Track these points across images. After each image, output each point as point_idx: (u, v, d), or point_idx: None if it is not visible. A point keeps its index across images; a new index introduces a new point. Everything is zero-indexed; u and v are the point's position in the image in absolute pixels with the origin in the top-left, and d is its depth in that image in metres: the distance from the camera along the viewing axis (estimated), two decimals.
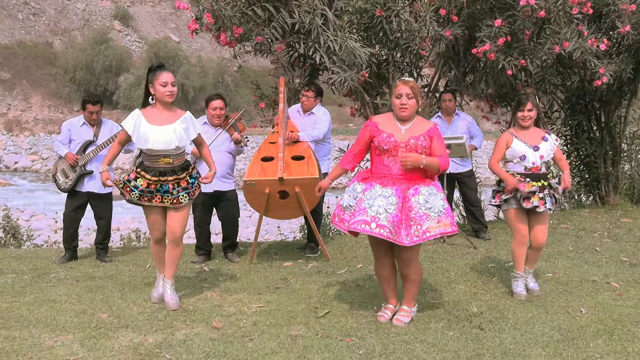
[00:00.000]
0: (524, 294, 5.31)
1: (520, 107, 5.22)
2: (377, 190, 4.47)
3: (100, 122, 6.89)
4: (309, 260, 6.76)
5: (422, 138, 4.52)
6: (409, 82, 4.58)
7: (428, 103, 8.57)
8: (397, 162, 4.51)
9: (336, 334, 4.43)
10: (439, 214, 4.45)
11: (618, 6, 7.70)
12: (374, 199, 4.44)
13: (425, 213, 4.42)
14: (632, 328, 4.56)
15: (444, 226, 4.47)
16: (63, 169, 6.76)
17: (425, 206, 4.43)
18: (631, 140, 10.25)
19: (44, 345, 4.24)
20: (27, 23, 43.91)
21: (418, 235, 4.42)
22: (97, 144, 6.74)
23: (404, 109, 4.53)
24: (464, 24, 7.67)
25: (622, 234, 7.73)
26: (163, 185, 4.87)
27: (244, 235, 12.19)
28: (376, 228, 4.39)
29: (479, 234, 7.71)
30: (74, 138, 6.81)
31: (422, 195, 4.45)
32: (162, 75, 4.85)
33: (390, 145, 4.51)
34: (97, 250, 7.00)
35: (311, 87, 7.11)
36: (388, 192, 4.45)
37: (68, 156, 6.71)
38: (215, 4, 7.24)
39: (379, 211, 4.40)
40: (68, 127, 6.89)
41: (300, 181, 6.23)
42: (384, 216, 4.39)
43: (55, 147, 6.94)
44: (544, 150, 5.22)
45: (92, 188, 6.75)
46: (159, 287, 5.16)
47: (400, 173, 4.51)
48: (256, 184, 6.28)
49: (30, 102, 39.27)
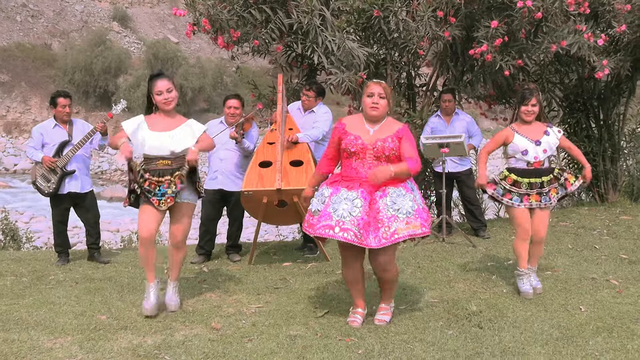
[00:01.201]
0: (530, 292, 5.29)
1: (524, 101, 5.22)
2: (342, 193, 4.42)
3: (71, 121, 6.80)
4: (308, 260, 6.76)
5: (389, 140, 4.45)
6: (382, 82, 4.55)
7: (426, 102, 8.57)
8: (365, 165, 4.45)
9: (335, 334, 4.43)
10: (407, 215, 4.38)
11: (613, 6, 7.70)
12: (339, 203, 4.39)
13: (393, 215, 4.36)
14: (632, 325, 4.56)
15: (413, 228, 4.38)
16: (42, 174, 6.64)
17: (393, 208, 4.37)
18: (630, 137, 10.25)
19: (43, 347, 4.25)
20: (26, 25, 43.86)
21: (386, 238, 4.34)
22: (74, 143, 6.64)
23: (375, 107, 4.48)
24: (461, 24, 7.66)
25: (621, 231, 7.73)
26: (160, 186, 4.86)
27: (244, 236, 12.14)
28: (340, 232, 4.32)
29: (478, 233, 7.70)
30: (47, 141, 6.69)
31: (389, 196, 4.39)
32: (157, 84, 4.86)
33: (357, 148, 4.46)
34: (90, 251, 6.95)
35: (312, 86, 7.07)
36: (353, 195, 4.39)
37: (45, 160, 6.58)
38: (212, 9, 7.23)
39: (343, 215, 4.34)
40: (40, 131, 6.76)
41: (299, 191, 6.14)
42: (348, 219, 4.32)
43: (29, 153, 6.81)
44: (546, 144, 5.22)
45: (74, 188, 6.69)
46: (150, 297, 4.91)
47: (368, 175, 4.44)
48: (253, 194, 6.24)
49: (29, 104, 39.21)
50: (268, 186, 6.20)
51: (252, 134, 6.86)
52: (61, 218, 6.86)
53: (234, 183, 6.68)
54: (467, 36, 7.82)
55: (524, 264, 5.35)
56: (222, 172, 6.72)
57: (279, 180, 6.18)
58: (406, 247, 7.07)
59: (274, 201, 6.26)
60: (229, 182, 6.69)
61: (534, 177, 5.23)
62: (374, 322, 4.63)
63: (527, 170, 5.25)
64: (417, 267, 6.27)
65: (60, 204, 6.79)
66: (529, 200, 5.23)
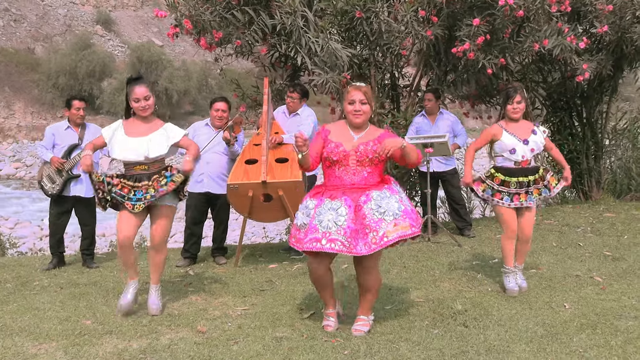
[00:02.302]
0: (516, 290, 5.33)
1: (509, 100, 5.24)
2: (326, 204, 4.32)
3: (84, 125, 6.86)
4: (294, 262, 6.75)
5: (371, 143, 4.39)
6: (362, 87, 4.44)
7: (410, 102, 8.60)
8: (349, 171, 4.39)
9: (321, 335, 4.43)
10: (394, 217, 4.28)
11: (595, 6, 7.76)
12: (324, 214, 4.29)
13: (380, 218, 4.25)
14: (615, 322, 4.59)
15: (402, 229, 4.27)
16: (49, 174, 6.70)
17: (379, 211, 4.27)
18: (613, 135, 10.33)
19: (28, 353, 4.22)
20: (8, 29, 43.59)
21: (376, 242, 4.24)
22: (82, 147, 6.65)
23: (358, 115, 4.40)
24: (444, 24, 7.69)
25: (605, 228, 7.79)
26: (136, 192, 4.85)
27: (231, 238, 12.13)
28: (327, 243, 4.23)
29: (463, 232, 7.74)
30: (58, 142, 6.76)
31: (374, 200, 4.29)
32: (135, 90, 4.88)
33: (340, 156, 4.38)
34: (83, 256, 6.95)
35: (296, 88, 7.09)
36: (337, 205, 4.30)
37: (53, 160, 6.64)
38: (194, 10, 7.22)
39: (329, 225, 4.25)
40: (52, 131, 6.84)
41: (284, 184, 6.22)
42: (334, 230, 4.24)
43: (39, 152, 6.88)
44: (534, 143, 5.25)
45: (79, 192, 6.71)
46: (127, 294, 4.95)
47: (353, 182, 4.38)
48: (239, 188, 6.27)
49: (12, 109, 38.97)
50: (254, 179, 6.23)
51: (239, 137, 6.86)
52: (60, 221, 6.85)
53: (220, 186, 6.67)
54: (449, 35, 7.85)
55: (510, 261, 5.38)
56: (208, 175, 6.71)
57: (264, 173, 6.21)
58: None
59: (260, 195, 6.28)
60: (216, 185, 6.68)
61: (521, 176, 5.26)
62: (352, 332, 4.49)
63: (514, 169, 5.27)
64: (403, 267, 6.29)
65: (60, 207, 6.79)
66: (519, 200, 5.25)
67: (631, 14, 7.77)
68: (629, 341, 4.23)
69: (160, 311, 4.99)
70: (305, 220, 4.38)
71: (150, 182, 4.87)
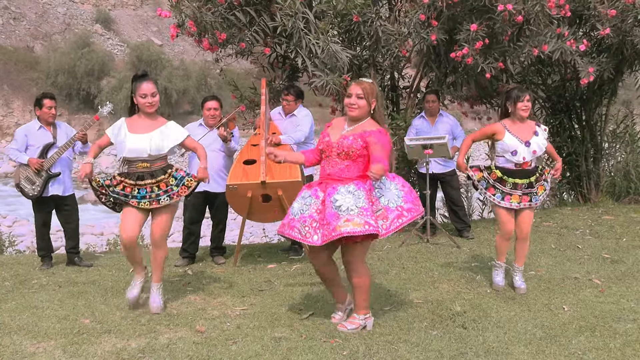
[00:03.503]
0: (501, 285, 5.45)
1: (520, 98, 5.26)
2: (303, 193, 4.58)
3: (54, 124, 6.75)
4: (292, 262, 6.75)
5: (350, 138, 4.41)
6: (363, 82, 4.53)
7: (410, 104, 8.60)
8: (330, 163, 4.51)
9: (320, 336, 4.43)
10: (348, 213, 4.27)
11: (598, 10, 7.76)
12: (297, 202, 4.57)
13: (335, 212, 4.31)
14: (614, 324, 4.60)
15: (353, 225, 4.23)
16: (27, 176, 6.56)
17: (335, 205, 4.33)
18: (612, 138, 10.34)
19: (26, 352, 4.22)
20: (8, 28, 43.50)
21: (326, 235, 4.33)
22: (59, 145, 6.58)
23: (353, 108, 4.49)
24: (444, 27, 7.69)
25: (603, 231, 7.79)
26: (140, 190, 4.87)
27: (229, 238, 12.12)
28: (288, 230, 4.50)
29: (462, 233, 7.74)
30: (32, 143, 6.62)
31: (338, 194, 4.35)
32: (142, 86, 4.90)
33: (324, 146, 4.55)
34: (69, 256, 6.87)
35: (291, 90, 7.08)
36: (307, 194, 4.54)
37: (32, 162, 6.50)
38: (197, 11, 7.21)
39: (294, 212, 4.51)
40: (24, 132, 6.69)
41: (283, 184, 6.22)
42: (298, 217, 4.48)
43: (13, 155, 6.71)
44: (536, 145, 5.26)
45: (57, 191, 6.63)
46: (134, 288, 5.05)
47: (329, 173, 4.50)
48: (238, 188, 6.27)
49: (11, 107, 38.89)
50: (253, 180, 6.23)
51: (235, 134, 6.86)
52: (44, 221, 6.79)
53: (218, 184, 6.66)
54: (449, 39, 7.84)
55: (502, 258, 5.50)
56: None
57: (263, 174, 6.20)
58: (391, 248, 7.11)
59: (259, 195, 6.28)
60: (214, 184, 6.67)
61: (520, 178, 5.27)
62: (337, 326, 4.57)
63: (515, 170, 5.29)
64: (402, 268, 6.29)
65: (43, 207, 6.72)
66: (510, 200, 5.27)
67: (633, 17, 7.77)
68: (627, 344, 4.23)
69: (162, 310, 4.99)
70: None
71: (155, 181, 4.89)
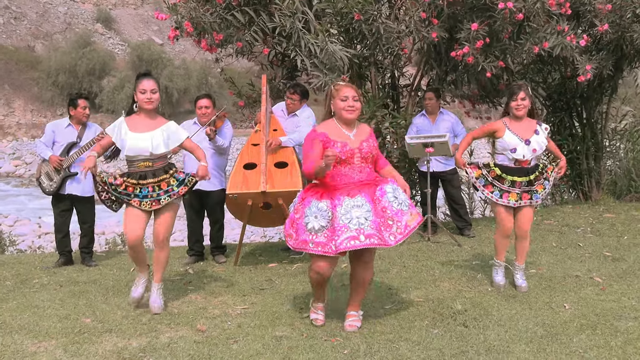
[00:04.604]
0: (502, 284, 5.43)
1: (513, 96, 5.26)
2: (348, 202, 4.32)
3: (85, 124, 6.84)
4: (294, 261, 6.75)
5: (370, 140, 4.53)
6: (351, 84, 4.57)
7: (411, 102, 8.59)
8: (355, 170, 4.43)
9: (321, 334, 4.43)
10: (410, 207, 4.45)
11: (594, 6, 7.75)
12: (350, 212, 4.29)
13: (399, 209, 4.37)
14: (615, 322, 4.59)
15: (417, 216, 4.47)
16: (47, 172, 6.70)
17: (397, 202, 4.38)
18: (612, 136, 10.33)
19: (27, 351, 4.22)
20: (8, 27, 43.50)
21: (401, 232, 4.35)
22: (81, 145, 6.68)
23: (351, 110, 4.46)
24: (444, 25, 7.67)
25: (604, 229, 7.79)
26: (142, 189, 4.87)
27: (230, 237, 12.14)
28: (365, 239, 4.25)
29: (463, 232, 7.73)
30: (58, 140, 6.76)
31: (389, 193, 4.39)
32: (142, 82, 4.90)
33: (347, 155, 4.41)
34: (82, 254, 6.95)
35: (297, 89, 7.05)
36: (360, 201, 4.32)
37: (52, 159, 6.64)
38: (194, 12, 7.21)
39: (361, 222, 4.27)
40: (52, 128, 6.84)
41: (284, 194, 6.15)
42: (367, 225, 4.27)
43: (39, 149, 6.87)
44: (536, 143, 5.25)
45: (75, 191, 6.70)
46: (138, 287, 5.07)
47: (361, 179, 4.43)
48: (238, 197, 6.24)
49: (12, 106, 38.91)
50: (253, 189, 6.20)
51: (224, 131, 6.80)
52: (60, 219, 6.84)
53: (209, 182, 6.64)
54: (450, 37, 7.83)
55: (501, 256, 5.49)
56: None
57: (263, 183, 6.17)
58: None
59: (259, 203, 6.26)
60: (205, 182, 6.65)
61: (519, 176, 5.26)
62: (345, 328, 4.54)
63: (514, 168, 5.28)
64: (403, 267, 6.29)
65: (59, 204, 6.79)
66: (508, 198, 5.26)
67: (631, 12, 7.75)
68: (628, 342, 4.23)
69: (162, 310, 4.99)
70: (323, 223, 4.32)
71: (157, 180, 4.89)
